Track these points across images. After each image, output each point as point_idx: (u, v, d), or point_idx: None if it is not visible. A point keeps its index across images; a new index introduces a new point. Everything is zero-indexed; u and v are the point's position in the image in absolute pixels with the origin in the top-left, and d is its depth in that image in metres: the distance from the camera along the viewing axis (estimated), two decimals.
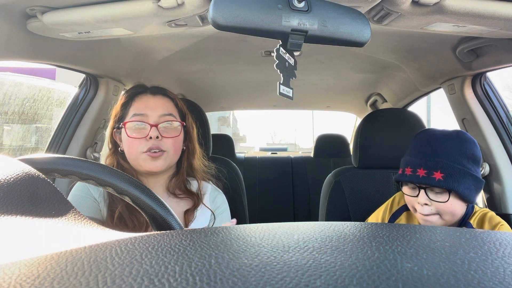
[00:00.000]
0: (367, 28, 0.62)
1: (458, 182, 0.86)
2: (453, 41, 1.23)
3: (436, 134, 0.94)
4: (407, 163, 0.94)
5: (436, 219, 0.90)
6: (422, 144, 0.94)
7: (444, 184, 0.86)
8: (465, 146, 0.90)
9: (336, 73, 1.87)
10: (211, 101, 2.56)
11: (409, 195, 0.93)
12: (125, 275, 0.19)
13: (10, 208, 0.30)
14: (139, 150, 0.92)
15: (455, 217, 0.90)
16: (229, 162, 1.39)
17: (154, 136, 0.92)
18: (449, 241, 0.25)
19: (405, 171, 0.93)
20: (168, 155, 0.95)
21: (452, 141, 0.91)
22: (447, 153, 0.89)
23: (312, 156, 2.80)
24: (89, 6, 0.83)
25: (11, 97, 3.02)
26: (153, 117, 0.95)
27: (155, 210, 0.47)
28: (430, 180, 0.87)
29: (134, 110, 0.96)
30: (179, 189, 1.01)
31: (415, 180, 0.89)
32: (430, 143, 0.93)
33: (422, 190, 0.89)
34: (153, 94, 1.00)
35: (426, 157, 0.90)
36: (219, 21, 0.54)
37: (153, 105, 0.97)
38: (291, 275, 0.19)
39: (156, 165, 0.93)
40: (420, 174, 0.88)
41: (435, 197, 0.88)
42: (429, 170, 0.87)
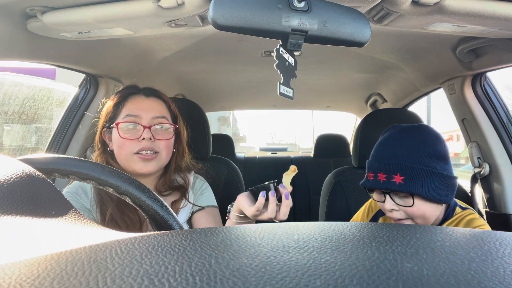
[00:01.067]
0: (367, 28, 0.62)
1: (421, 184, 0.79)
2: (453, 41, 1.23)
3: (395, 133, 0.88)
4: (368, 167, 0.88)
5: (409, 223, 0.83)
6: (381, 146, 0.88)
7: (404, 187, 0.79)
8: (426, 142, 0.83)
9: (336, 73, 1.87)
10: (211, 101, 2.56)
11: (378, 201, 0.88)
12: (125, 275, 0.19)
13: (10, 208, 0.30)
14: (130, 151, 0.92)
15: (428, 220, 0.83)
16: (229, 162, 1.39)
17: (147, 138, 0.92)
18: (449, 241, 0.25)
19: (367, 176, 0.87)
20: (161, 157, 0.96)
21: (412, 139, 0.84)
22: (406, 153, 0.82)
23: (312, 156, 2.80)
24: (89, 6, 0.83)
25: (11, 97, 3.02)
26: (146, 119, 0.95)
27: (155, 210, 0.47)
28: (390, 185, 0.80)
29: (127, 110, 0.95)
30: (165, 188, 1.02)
31: (377, 186, 0.83)
32: (389, 144, 0.86)
33: (387, 195, 0.83)
34: (147, 96, 1.00)
35: (385, 159, 0.83)
36: (219, 21, 0.54)
37: (146, 106, 0.96)
38: (291, 275, 0.19)
39: (147, 167, 0.93)
40: (380, 179, 0.82)
41: (400, 201, 0.82)
42: (389, 174, 0.81)
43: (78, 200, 0.94)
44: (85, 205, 0.94)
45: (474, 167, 1.42)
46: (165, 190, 1.01)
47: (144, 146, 0.92)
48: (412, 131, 0.86)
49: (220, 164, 1.33)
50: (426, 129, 0.87)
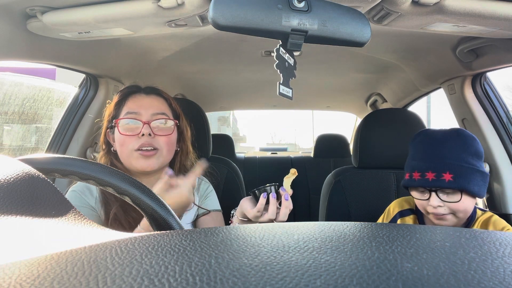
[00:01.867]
0: (367, 28, 0.62)
1: (468, 180, 0.86)
2: (453, 41, 1.23)
3: (437, 135, 0.94)
4: (413, 167, 0.93)
5: (451, 217, 0.90)
6: (425, 147, 0.94)
7: (455, 184, 0.86)
8: (468, 143, 0.91)
9: (336, 73, 1.87)
10: (211, 101, 2.56)
11: (419, 199, 0.93)
12: (125, 275, 0.19)
13: (10, 208, 0.30)
14: (130, 148, 0.92)
15: (467, 213, 0.91)
16: (229, 162, 1.39)
17: (147, 133, 0.92)
18: (449, 241, 0.25)
19: (412, 176, 0.92)
20: (161, 153, 0.95)
21: (455, 140, 0.91)
22: (452, 153, 0.89)
23: (312, 156, 2.80)
24: (89, 6, 0.83)
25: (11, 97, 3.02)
26: (145, 116, 0.95)
27: (155, 210, 0.47)
28: (440, 183, 0.87)
29: (127, 108, 0.96)
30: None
31: (425, 184, 0.89)
32: (434, 145, 0.92)
33: (433, 192, 0.89)
34: (147, 94, 1.00)
35: (433, 159, 0.90)
36: (219, 21, 0.54)
37: (146, 104, 0.97)
38: (291, 275, 0.19)
39: (148, 164, 0.93)
40: (429, 178, 0.88)
41: (447, 198, 0.88)
42: (438, 173, 0.87)
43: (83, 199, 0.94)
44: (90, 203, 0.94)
45: None
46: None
47: (144, 142, 0.92)
48: (453, 133, 0.94)
49: (220, 164, 1.33)
50: (465, 132, 0.94)
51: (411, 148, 0.99)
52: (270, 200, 0.84)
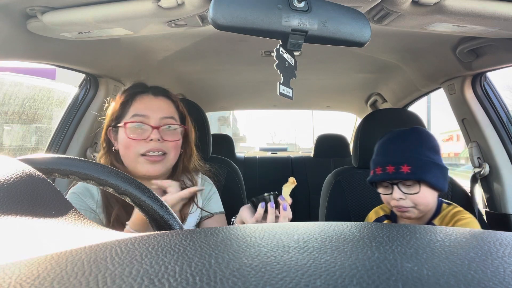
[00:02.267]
0: (367, 28, 0.62)
1: (425, 172, 0.92)
2: (453, 41, 1.23)
3: (397, 134, 1.02)
4: (376, 163, 1.00)
5: (413, 210, 0.95)
6: (386, 144, 1.02)
7: (412, 175, 0.92)
8: (424, 139, 0.98)
9: (336, 73, 1.87)
10: (211, 101, 2.56)
11: (384, 194, 0.99)
12: (125, 275, 0.19)
13: (10, 208, 0.30)
14: (136, 152, 0.90)
15: (428, 206, 0.97)
16: (229, 162, 1.39)
17: (156, 139, 0.90)
18: (449, 241, 0.25)
19: (375, 171, 0.99)
20: (168, 158, 0.94)
21: (412, 136, 0.99)
22: (410, 147, 0.96)
23: (312, 156, 2.80)
24: (89, 6, 0.83)
25: (11, 97, 3.02)
26: (154, 119, 0.92)
27: (155, 210, 0.47)
28: (399, 175, 0.93)
29: (134, 110, 0.93)
30: None
31: (386, 177, 0.95)
32: (393, 141, 1.00)
33: (395, 186, 0.95)
34: (155, 95, 0.97)
35: (392, 154, 0.97)
36: (219, 21, 0.54)
37: (154, 106, 0.94)
38: (291, 275, 0.19)
39: (154, 169, 0.91)
40: (389, 171, 0.94)
41: (407, 190, 0.94)
42: (397, 165, 0.93)
43: (83, 201, 0.92)
44: (90, 206, 0.92)
45: (474, 167, 1.42)
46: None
47: (153, 147, 0.90)
48: (411, 131, 1.01)
49: (220, 164, 1.33)
50: (422, 129, 1.03)
51: (375, 148, 1.07)
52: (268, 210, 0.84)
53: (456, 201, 1.26)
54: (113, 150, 0.96)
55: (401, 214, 0.98)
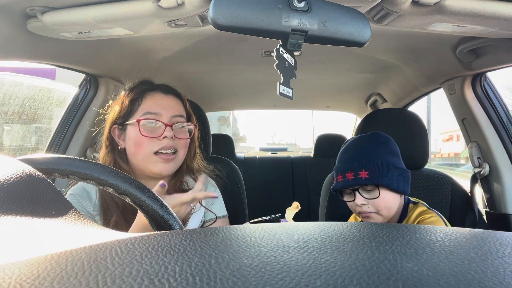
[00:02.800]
0: (367, 28, 0.62)
1: (383, 176, 0.92)
2: (453, 41, 1.22)
3: (355, 140, 1.03)
4: (337, 171, 1.00)
5: (375, 216, 0.95)
6: (344, 152, 1.03)
7: (370, 180, 0.92)
8: (381, 143, 0.99)
9: (336, 73, 1.87)
10: (211, 101, 2.56)
11: (348, 201, 0.99)
12: (125, 275, 0.19)
13: (10, 208, 0.30)
14: (149, 150, 0.89)
15: (391, 210, 0.96)
16: (229, 162, 1.39)
17: (169, 136, 0.90)
18: (449, 241, 0.25)
19: (337, 179, 0.99)
20: (179, 157, 0.94)
21: (369, 141, 0.99)
22: (366, 152, 0.96)
23: (312, 156, 2.80)
24: (89, 6, 0.83)
25: (11, 97, 3.02)
26: (166, 117, 0.92)
27: (155, 211, 0.47)
28: (358, 180, 0.93)
29: (145, 108, 0.92)
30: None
31: (347, 184, 0.95)
32: (351, 148, 1.01)
33: (356, 192, 0.95)
34: (165, 93, 0.97)
35: (350, 161, 0.97)
36: (219, 21, 0.54)
37: (166, 104, 0.94)
38: (291, 275, 0.19)
39: (167, 168, 0.91)
40: (349, 178, 0.94)
41: (368, 195, 0.94)
42: (356, 172, 0.94)
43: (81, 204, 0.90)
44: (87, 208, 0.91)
45: (474, 167, 1.42)
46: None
47: (166, 144, 0.90)
48: (370, 136, 1.02)
49: (220, 164, 1.33)
50: (379, 134, 1.03)
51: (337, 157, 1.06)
52: None
53: (456, 201, 1.26)
54: (119, 149, 0.94)
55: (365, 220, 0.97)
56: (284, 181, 2.66)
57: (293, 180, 2.67)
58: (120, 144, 0.94)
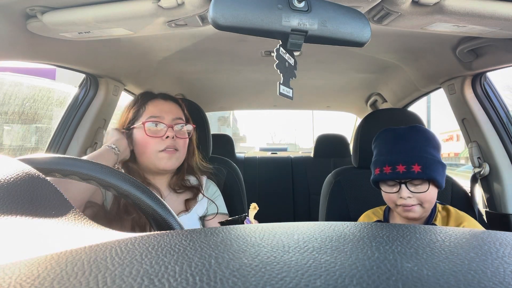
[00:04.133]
0: (367, 28, 0.62)
1: (434, 171, 0.93)
2: (453, 41, 1.22)
3: (400, 132, 1.01)
4: (383, 162, 0.98)
5: (418, 208, 0.95)
6: (392, 142, 1.00)
7: (423, 175, 0.92)
8: (429, 138, 0.98)
9: (336, 73, 1.87)
10: (211, 101, 2.56)
11: (389, 192, 0.98)
12: (125, 275, 0.19)
13: (10, 208, 0.30)
14: (155, 149, 1.00)
15: (432, 204, 0.98)
16: (229, 162, 1.39)
17: (171, 136, 1.01)
18: (449, 241, 0.25)
19: (383, 170, 0.97)
20: (180, 155, 1.05)
21: (418, 135, 0.98)
22: (418, 146, 0.95)
23: (312, 156, 2.80)
24: (89, 6, 0.82)
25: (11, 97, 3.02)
26: (167, 120, 1.03)
27: (155, 211, 0.47)
28: (411, 174, 0.92)
29: (149, 113, 1.03)
30: (178, 186, 1.09)
31: (397, 177, 0.94)
32: (399, 140, 0.99)
33: (403, 185, 0.94)
34: (165, 99, 1.08)
35: (402, 153, 0.95)
36: (219, 21, 0.54)
37: (166, 109, 1.05)
38: (291, 275, 0.19)
39: (170, 164, 1.02)
40: (400, 170, 0.93)
41: (415, 189, 0.94)
42: (408, 165, 0.93)
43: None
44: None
45: (474, 167, 1.42)
46: (178, 188, 1.09)
47: (169, 144, 1.01)
48: (416, 129, 1.01)
49: (220, 164, 1.33)
50: (425, 128, 1.03)
51: (377, 146, 1.05)
52: None
53: (456, 201, 1.26)
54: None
55: (406, 215, 0.97)
56: (284, 181, 2.66)
57: (293, 180, 2.67)
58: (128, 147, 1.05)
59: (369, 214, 1.15)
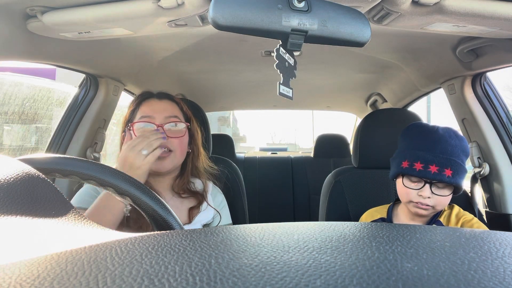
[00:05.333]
0: (367, 28, 0.62)
1: (462, 178, 0.93)
2: (453, 41, 1.22)
3: (439, 132, 0.97)
4: (417, 157, 0.95)
5: (431, 209, 0.95)
6: (431, 140, 0.96)
7: (453, 180, 0.91)
8: (464, 144, 0.97)
9: (336, 73, 1.87)
10: (211, 101, 2.56)
11: (410, 188, 0.96)
12: (125, 275, 0.19)
13: (10, 208, 0.30)
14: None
15: (445, 206, 0.99)
16: (229, 162, 1.39)
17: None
18: (449, 241, 0.25)
19: (413, 165, 0.94)
20: (175, 155, 0.99)
21: (455, 139, 0.96)
22: (455, 151, 0.94)
23: (312, 156, 2.80)
24: (89, 6, 0.82)
25: (11, 97, 3.02)
26: (159, 119, 0.99)
27: (156, 211, 0.47)
28: (441, 177, 0.91)
29: (141, 113, 1.00)
30: (183, 190, 1.04)
31: (427, 176, 0.92)
32: (439, 140, 0.95)
33: (427, 184, 0.93)
34: (160, 99, 1.05)
35: (439, 154, 0.93)
36: (219, 21, 0.54)
37: (159, 108, 1.01)
38: (291, 275, 0.19)
39: (163, 165, 0.97)
40: (432, 171, 0.92)
41: (438, 191, 0.93)
42: (441, 167, 0.91)
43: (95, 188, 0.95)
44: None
45: (474, 167, 1.42)
46: (183, 192, 1.04)
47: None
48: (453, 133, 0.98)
49: (220, 164, 1.34)
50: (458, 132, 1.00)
51: (408, 137, 1.01)
52: None
53: (456, 201, 1.26)
54: None
55: (416, 211, 0.96)
56: (284, 181, 2.66)
57: (293, 180, 2.67)
58: None
59: (372, 212, 1.15)
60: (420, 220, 1.02)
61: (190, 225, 1.00)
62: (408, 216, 1.03)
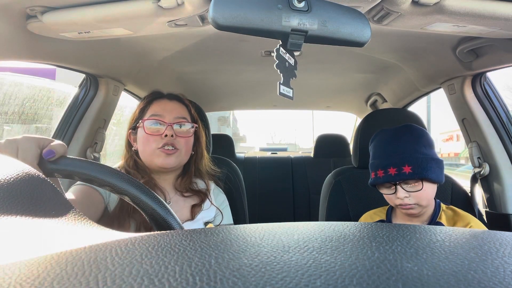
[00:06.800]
0: (367, 28, 0.62)
1: (426, 169, 0.94)
2: (453, 41, 1.22)
3: (391, 133, 1.03)
4: (376, 166, 1.01)
5: (417, 207, 0.98)
6: (383, 145, 1.02)
7: (414, 175, 0.94)
8: (419, 136, 1.00)
9: (336, 73, 1.87)
10: (211, 101, 2.56)
11: (388, 194, 1.01)
12: (125, 275, 0.19)
13: (10, 208, 0.30)
14: (154, 146, 1.01)
15: (431, 200, 1.01)
16: (229, 162, 1.39)
17: (169, 134, 1.01)
18: (449, 241, 0.25)
19: (377, 174, 1.00)
20: (180, 153, 1.04)
21: (407, 135, 1.00)
22: (407, 147, 0.97)
23: (312, 156, 2.80)
24: (89, 6, 0.82)
25: (11, 97, 3.02)
26: (168, 118, 1.04)
27: (155, 210, 0.47)
28: (402, 176, 0.95)
29: (152, 111, 1.05)
30: (186, 189, 1.09)
31: (390, 179, 0.97)
32: (390, 142, 1.01)
33: (398, 186, 0.97)
34: (170, 99, 1.09)
35: (392, 155, 0.98)
36: (219, 21, 0.54)
37: (169, 108, 1.06)
38: (291, 275, 0.19)
39: (168, 162, 1.01)
40: (392, 173, 0.96)
41: (411, 188, 0.96)
42: (399, 167, 0.95)
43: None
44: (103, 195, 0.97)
45: (474, 167, 1.42)
46: (185, 191, 1.09)
47: (167, 141, 1.01)
48: (404, 129, 1.03)
49: (220, 164, 1.33)
50: (414, 126, 1.04)
51: (371, 149, 1.07)
52: None
53: (456, 201, 1.26)
54: (133, 150, 1.08)
55: (406, 212, 0.99)
56: (284, 181, 2.66)
57: (293, 180, 2.67)
58: (134, 146, 1.08)
59: (371, 214, 1.16)
60: (418, 221, 1.03)
61: (193, 221, 1.03)
62: (405, 217, 1.05)
